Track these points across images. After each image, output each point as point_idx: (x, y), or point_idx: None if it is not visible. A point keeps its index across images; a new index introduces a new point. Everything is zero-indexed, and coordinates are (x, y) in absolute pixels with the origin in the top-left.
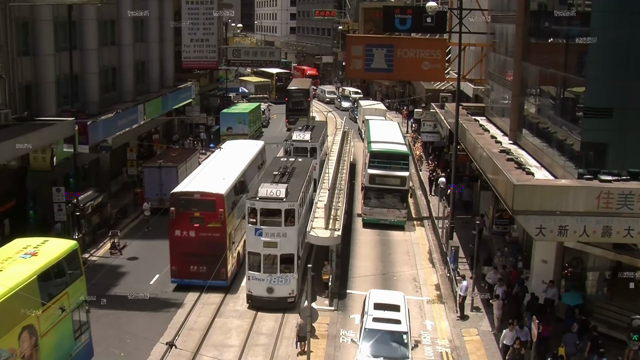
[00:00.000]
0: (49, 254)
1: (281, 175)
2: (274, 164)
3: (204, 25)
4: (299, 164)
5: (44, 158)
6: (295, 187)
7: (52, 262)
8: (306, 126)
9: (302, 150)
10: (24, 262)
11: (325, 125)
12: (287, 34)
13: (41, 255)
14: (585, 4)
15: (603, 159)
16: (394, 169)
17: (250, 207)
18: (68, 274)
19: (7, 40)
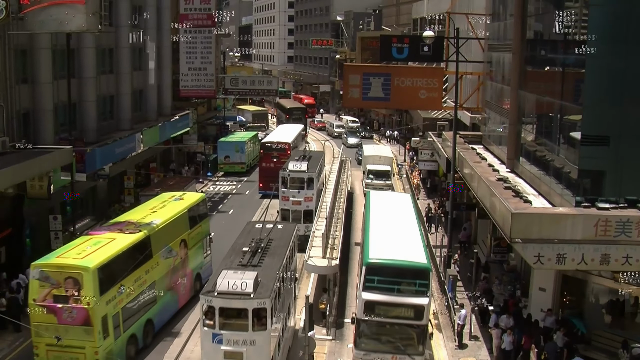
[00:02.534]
0: (190, 199)
1: (252, 254)
2: (244, 234)
3: (201, 54)
4: (277, 234)
5: (41, 186)
6: (269, 273)
7: (192, 204)
8: (303, 156)
9: (299, 180)
10: (175, 203)
11: (322, 155)
12: (284, 62)
13: (185, 199)
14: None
15: (600, 187)
16: (406, 292)
17: (207, 305)
18: (201, 214)
19: (6, 68)
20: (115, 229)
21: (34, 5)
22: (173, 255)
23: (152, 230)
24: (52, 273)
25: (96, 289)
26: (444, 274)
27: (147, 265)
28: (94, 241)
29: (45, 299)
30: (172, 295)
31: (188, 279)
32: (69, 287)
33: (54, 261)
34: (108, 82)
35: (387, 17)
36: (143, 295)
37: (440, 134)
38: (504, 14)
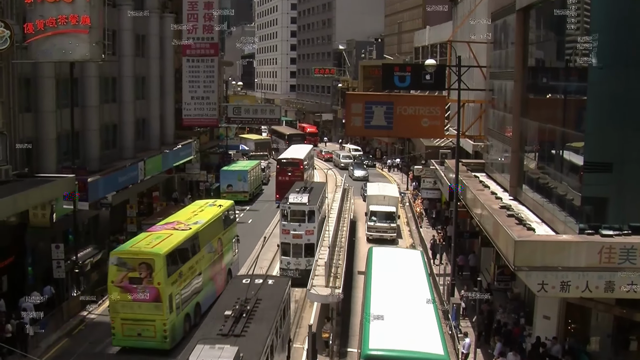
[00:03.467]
0: (223, 205)
1: (235, 320)
2: (229, 292)
3: (204, 83)
4: (267, 292)
5: (43, 214)
6: (254, 346)
7: (225, 208)
8: (304, 187)
9: (300, 213)
10: (211, 208)
11: (324, 186)
12: (287, 91)
13: (218, 206)
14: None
15: (604, 214)
16: None
17: None
18: (231, 218)
19: (9, 97)
20: (169, 227)
21: (37, 35)
22: (213, 250)
23: (199, 228)
24: (128, 259)
25: (165, 272)
26: (447, 302)
27: (196, 257)
28: (155, 235)
29: (122, 280)
30: (213, 285)
31: (223, 272)
32: (142, 271)
33: (129, 249)
34: (111, 111)
35: (389, 46)
36: (194, 282)
37: (443, 162)
38: (505, 42)
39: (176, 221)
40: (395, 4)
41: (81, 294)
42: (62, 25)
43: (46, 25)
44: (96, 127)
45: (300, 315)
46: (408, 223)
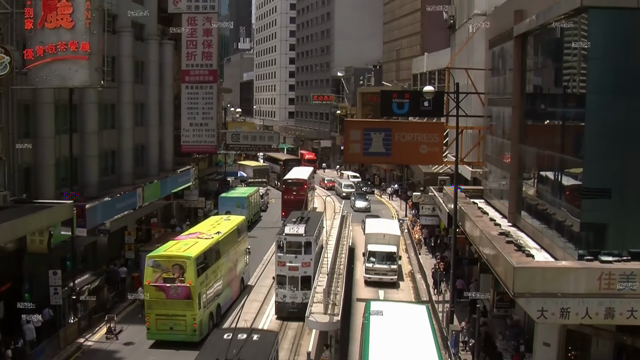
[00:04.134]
0: (236, 220)
1: None
2: (207, 351)
3: (203, 109)
4: (250, 350)
5: (41, 240)
6: None
7: (239, 223)
8: (300, 218)
9: (296, 244)
10: (227, 222)
11: (321, 215)
12: (285, 118)
13: (232, 220)
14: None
15: (603, 240)
16: None
17: None
18: (243, 231)
19: (9, 123)
20: (193, 236)
21: (37, 61)
22: (230, 258)
23: (220, 238)
24: (162, 261)
25: (195, 273)
26: (446, 330)
27: (218, 263)
28: (183, 242)
29: (157, 280)
30: (230, 289)
31: (237, 279)
32: (176, 272)
33: (164, 253)
34: (110, 137)
35: (387, 73)
36: (216, 284)
37: (442, 188)
38: (503, 69)
39: (198, 232)
40: (394, 31)
41: (78, 320)
42: (62, 52)
43: (46, 52)
44: (95, 153)
45: (299, 342)
46: (407, 250)
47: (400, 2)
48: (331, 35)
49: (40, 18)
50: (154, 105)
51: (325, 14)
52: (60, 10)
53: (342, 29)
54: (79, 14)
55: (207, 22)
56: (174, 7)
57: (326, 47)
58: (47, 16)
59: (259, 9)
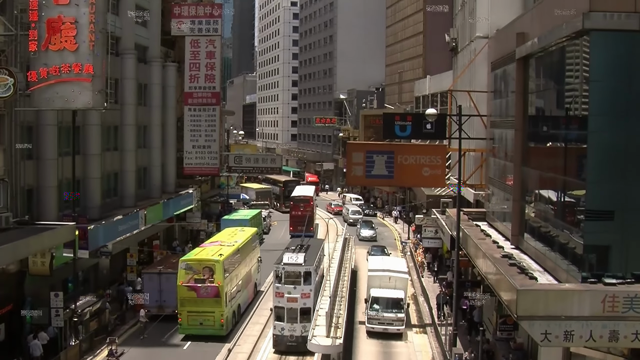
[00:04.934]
0: (250, 231)
1: None
2: None
3: (206, 131)
4: None
5: (43, 262)
6: None
7: (253, 233)
8: (300, 246)
9: (295, 275)
10: (242, 232)
11: (322, 243)
12: (288, 140)
13: (247, 231)
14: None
15: (606, 262)
16: None
17: None
18: (256, 241)
19: (11, 144)
20: (215, 244)
21: (41, 83)
22: (247, 264)
23: (239, 245)
24: (194, 264)
25: (222, 274)
26: (449, 353)
27: (239, 267)
28: (209, 249)
29: (189, 281)
30: (246, 292)
31: (252, 283)
32: (206, 273)
33: (195, 257)
34: (112, 159)
35: (390, 95)
36: (237, 286)
37: (444, 211)
38: (505, 91)
39: (219, 240)
40: (396, 54)
41: (79, 343)
42: (65, 74)
43: (49, 74)
44: (97, 175)
45: None
46: (409, 272)
47: (403, 25)
48: (333, 58)
49: (45, 40)
50: (157, 127)
51: (328, 36)
52: (64, 32)
53: (344, 51)
54: (83, 36)
55: (210, 44)
56: (177, 30)
57: (328, 69)
58: (51, 38)
59: (262, 31)
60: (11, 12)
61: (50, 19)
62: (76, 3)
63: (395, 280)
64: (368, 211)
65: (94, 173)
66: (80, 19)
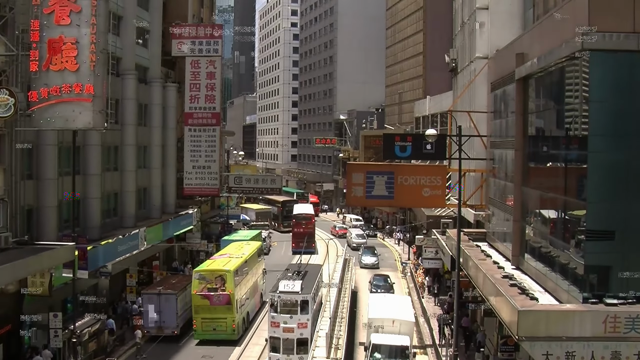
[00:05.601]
0: (256, 244)
1: None
2: None
3: (206, 152)
4: None
5: (42, 283)
6: None
7: (258, 246)
8: (297, 272)
9: (291, 303)
10: (248, 246)
11: (320, 269)
12: (288, 161)
13: (252, 244)
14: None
15: (607, 282)
16: None
17: None
18: (261, 254)
19: (12, 164)
20: (225, 256)
21: (41, 103)
22: (254, 274)
23: (247, 257)
24: (207, 274)
25: (233, 283)
26: None
27: (247, 277)
28: (219, 260)
29: (202, 290)
30: (254, 301)
31: (258, 293)
32: (218, 282)
33: (207, 268)
34: (112, 180)
35: (390, 116)
36: (246, 295)
37: (444, 231)
38: (505, 112)
39: (228, 253)
40: (396, 74)
41: None
42: (66, 94)
43: (50, 94)
44: (97, 196)
45: None
46: (410, 293)
47: (403, 46)
48: (333, 79)
49: (46, 60)
50: (157, 147)
51: (328, 57)
52: (65, 52)
53: (344, 72)
54: (84, 56)
55: (210, 65)
56: (178, 51)
57: (329, 90)
58: (52, 58)
59: (262, 52)
60: (12, 32)
61: (52, 39)
62: (77, 24)
63: (399, 324)
64: (368, 232)
65: (94, 193)
66: (81, 39)
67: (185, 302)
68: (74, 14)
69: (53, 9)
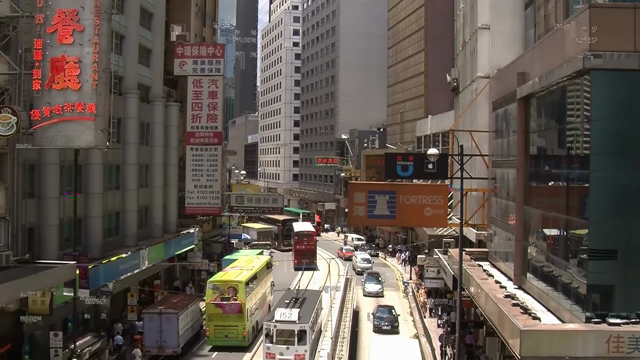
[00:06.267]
0: (265, 258)
1: None
2: None
3: (207, 171)
4: None
5: (43, 301)
6: None
7: (267, 260)
8: (294, 299)
9: (287, 333)
10: (257, 259)
11: (319, 295)
12: (289, 180)
13: (261, 258)
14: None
15: (610, 302)
16: None
17: None
18: (270, 267)
19: (13, 183)
20: (236, 269)
21: (44, 122)
22: (262, 286)
23: (257, 269)
24: (220, 285)
25: (245, 293)
26: None
27: (257, 288)
28: (231, 272)
29: (216, 299)
30: (262, 312)
31: (266, 304)
32: (230, 292)
33: (221, 279)
34: (114, 199)
35: (392, 135)
36: (255, 305)
37: (446, 251)
38: (507, 131)
39: (239, 266)
40: (398, 94)
41: None
42: (68, 113)
43: (52, 112)
44: (99, 215)
45: None
46: (412, 313)
47: (404, 65)
48: (335, 98)
49: (48, 79)
50: (159, 166)
51: (330, 77)
52: (68, 71)
53: (346, 91)
54: (86, 75)
55: (212, 84)
56: (180, 70)
57: (330, 109)
58: (55, 77)
59: (264, 71)
60: (16, 50)
61: (54, 58)
62: (80, 43)
63: None
64: (370, 251)
65: (95, 212)
66: (83, 58)
67: (186, 322)
68: (76, 33)
69: (56, 28)
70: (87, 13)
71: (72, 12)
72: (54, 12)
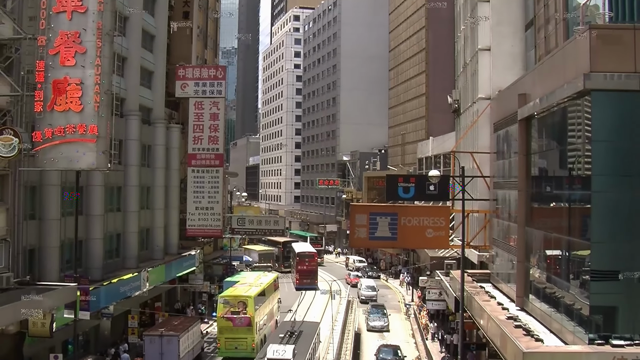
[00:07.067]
0: (273, 275)
1: None
2: None
3: (209, 193)
4: None
5: (43, 324)
6: None
7: (274, 278)
8: (290, 333)
9: None
10: (265, 275)
11: (317, 328)
12: (291, 202)
13: (269, 275)
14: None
15: (613, 323)
16: None
17: None
18: (277, 285)
19: (14, 204)
20: (244, 285)
21: (45, 143)
22: (270, 302)
23: (265, 286)
24: (230, 299)
25: (254, 307)
26: None
27: (265, 304)
28: (240, 288)
29: (226, 313)
30: (270, 327)
31: (274, 320)
32: (240, 307)
33: (231, 294)
34: (115, 220)
35: (393, 157)
36: (263, 320)
37: (448, 272)
38: (508, 152)
39: (247, 282)
40: (399, 116)
41: None
42: (70, 134)
43: (54, 134)
44: (100, 236)
45: None
46: (414, 335)
47: (405, 87)
48: (337, 120)
49: (50, 101)
50: (160, 188)
51: (331, 99)
52: (70, 93)
53: (347, 113)
54: (88, 97)
55: (213, 106)
56: (182, 92)
57: (332, 131)
58: (57, 99)
59: (265, 93)
60: (18, 72)
61: (56, 80)
62: (82, 65)
63: None
64: (371, 273)
65: (96, 234)
66: (85, 80)
67: (187, 344)
68: (79, 55)
69: (58, 50)
70: (89, 35)
71: (75, 34)
72: (56, 34)
